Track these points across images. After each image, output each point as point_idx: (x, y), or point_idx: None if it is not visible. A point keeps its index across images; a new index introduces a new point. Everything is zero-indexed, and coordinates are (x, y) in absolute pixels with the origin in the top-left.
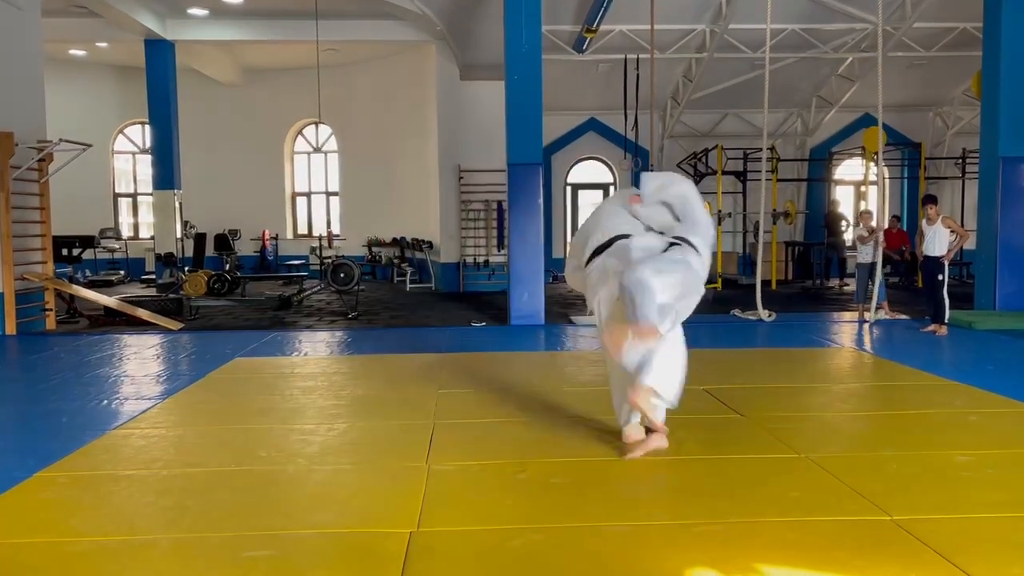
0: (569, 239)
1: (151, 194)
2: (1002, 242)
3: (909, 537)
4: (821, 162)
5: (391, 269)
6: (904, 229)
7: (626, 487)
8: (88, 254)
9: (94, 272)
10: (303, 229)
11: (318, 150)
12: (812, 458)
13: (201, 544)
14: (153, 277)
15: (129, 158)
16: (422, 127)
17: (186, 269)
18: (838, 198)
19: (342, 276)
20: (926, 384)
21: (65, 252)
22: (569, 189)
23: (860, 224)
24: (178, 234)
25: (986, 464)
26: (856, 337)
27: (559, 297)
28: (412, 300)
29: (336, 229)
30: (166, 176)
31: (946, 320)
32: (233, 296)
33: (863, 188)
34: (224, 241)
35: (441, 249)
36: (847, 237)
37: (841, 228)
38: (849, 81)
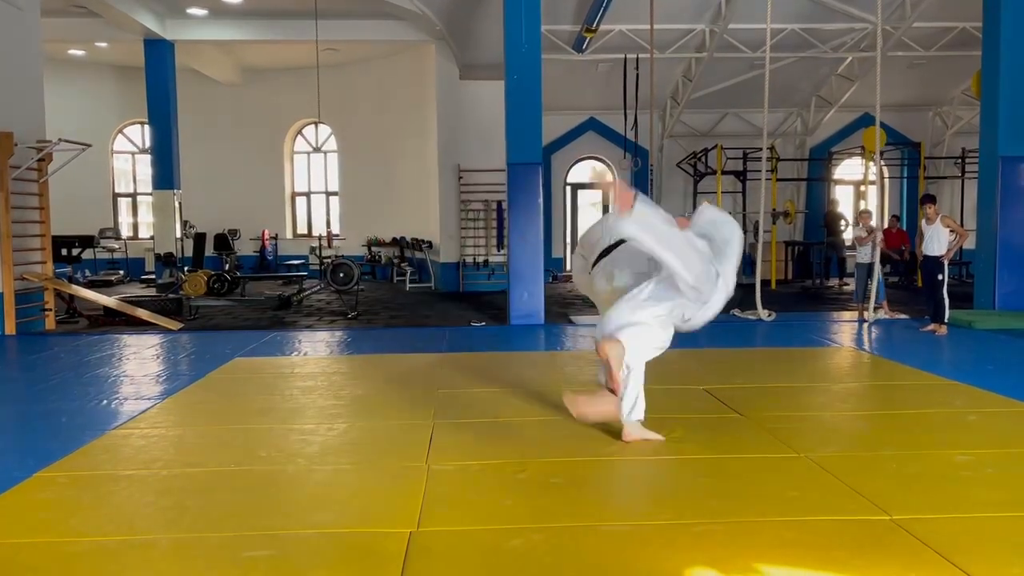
0: (569, 239)
1: (151, 194)
2: (1001, 241)
3: (909, 537)
4: (821, 162)
5: (391, 269)
6: (904, 229)
7: (626, 487)
8: (88, 254)
9: (94, 272)
10: (303, 229)
11: (318, 150)
12: (812, 458)
13: (201, 544)
14: (153, 277)
15: (128, 158)
16: (422, 127)
17: (186, 269)
18: (837, 198)
19: (342, 276)
20: (926, 384)
21: (64, 252)
22: (569, 189)
23: (859, 224)
24: (178, 234)
25: (986, 464)
26: (856, 337)
27: (559, 297)
28: (412, 300)
29: (336, 229)
30: (166, 176)
31: (946, 320)
32: (233, 296)
33: (863, 188)
34: (224, 241)
35: (441, 249)
36: (846, 237)
37: (840, 228)
38: (849, 81)
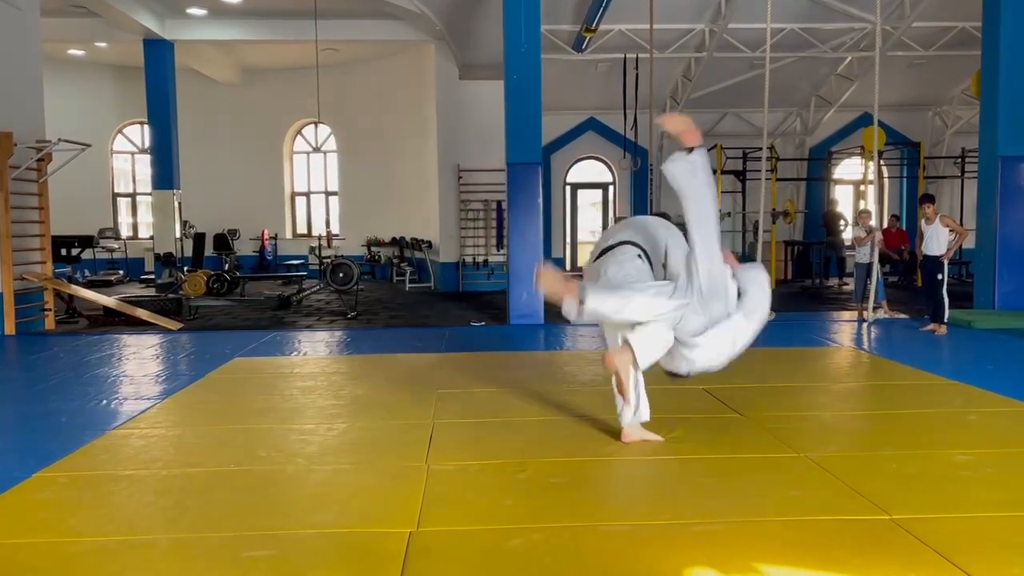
0: (569, 239)
1: (150, 194)
2: (1001, 241)
3: (909, 536)
4: (820, 161)
5: (390, 269)
6: (903, 228)
7: (626, 487)
8: (87, 254)
9: (93, 272)
10: (302, 229)
11: (317, 150)
12: (811, 457)
13: (201, 544)
14: (152, 277)
15: (128, 158)
16: (421, 127)
17: (185, 269)
18: (837, 197)
19: (341, 276)
20: (925, 383)
21: (64, 252)
22: (568, 188)
23: (859, 224)
24: (177, 234)
25: (986, 464)
26: (855, 336)
27: None
28: (411, 300)
29: (335, 229)
30: (165, 176)
31: (945, 319)
32: (232, 296)
33: (862, 187)
34: (223, 241)
35: (440, 249)
36: (846, 237)
37: (840, 227)
38: (848, 80)
